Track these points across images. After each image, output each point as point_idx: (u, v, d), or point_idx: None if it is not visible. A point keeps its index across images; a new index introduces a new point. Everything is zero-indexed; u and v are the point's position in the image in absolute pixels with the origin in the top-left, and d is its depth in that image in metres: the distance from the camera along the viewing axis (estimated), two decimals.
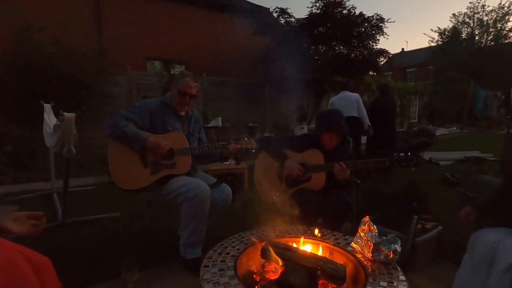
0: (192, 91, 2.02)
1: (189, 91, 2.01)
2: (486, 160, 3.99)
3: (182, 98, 2.02)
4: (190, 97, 2.03)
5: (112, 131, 1.85)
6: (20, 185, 4.22)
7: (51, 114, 3.30)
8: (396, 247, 1.23)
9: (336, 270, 1.13)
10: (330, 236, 1.51)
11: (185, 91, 2.00)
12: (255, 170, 2.21)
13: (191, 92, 2.02)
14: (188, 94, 2.01)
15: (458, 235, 2.28)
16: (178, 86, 2.01)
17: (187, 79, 2.01)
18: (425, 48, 19.88)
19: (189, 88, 2.01)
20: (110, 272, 1.89)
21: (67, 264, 1.98)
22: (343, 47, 8.79)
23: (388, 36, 8.97)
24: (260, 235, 1.50)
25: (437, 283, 1.88)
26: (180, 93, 2.01)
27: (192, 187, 1.87)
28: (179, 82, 2.02)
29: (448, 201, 3.14)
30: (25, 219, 1.07)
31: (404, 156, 1.85)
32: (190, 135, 2.13)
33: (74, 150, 2.33)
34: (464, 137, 10.64)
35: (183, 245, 1.96)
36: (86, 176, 4.75)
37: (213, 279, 1.13)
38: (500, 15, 16.49)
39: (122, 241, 2.40)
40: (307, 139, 2.20)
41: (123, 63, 6.74)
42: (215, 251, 1.35)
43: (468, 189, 2.50)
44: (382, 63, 9.88)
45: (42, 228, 1.10)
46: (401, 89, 12.60)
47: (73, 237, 2.49)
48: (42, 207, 3.24)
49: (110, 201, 3.43)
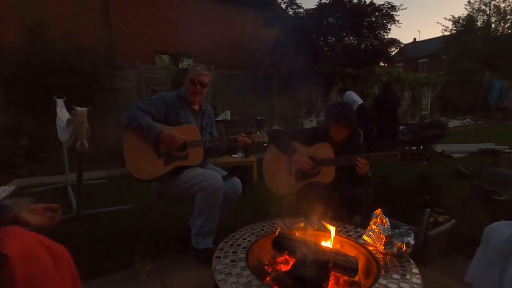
0: (203, 78, 2.04)
1: (199, 78, 2.02)
2: (501, 152, 3.87)
3: (193, 87, 2.03)
4: (201, 85, 2.04)
5: (128, 122, 1.88)
6: (36, 178, 4.34)
7: (63, 109, 3.36)
8: (409, 240, 1.21)
9: (348, 262, 1.13)
10: (341, 228, 1.50)
11: (196, 79, 2.02)
12: (264, 163, 2.21)
13: (202, 80, 2.03)
14: (199, 82, 2.03)
15: (471, 229, 2.24)
16: (189, 75, 2.04)
17: (197, 68, 2.04)
18: (438, 37, 19.28)
19: (200, 76, 2.02)
20: (123, 262, 1.94)
21: (82, 254, 2.03)
22: (353, 38, 8.61)
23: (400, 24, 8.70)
24: (271, 227, 1.50)
25: (449, 276, 1.86)
26: (191, 81, 2.03)
27: (207, 177, 1.90)
28: (191, 71, 2.05)
29: (461, 194, 3.08)
30: (42, 211, 1.11)
31: (417, 149, 1.81)
32: (202, 129, 2.15)
33: (87, 144, 2.37)
34: (478, 129, 10.36)
35: (195, 235, 1.99)
36: (98, 169, 4.85)
37: (225, 270, 1.15)
38: None
39: (134, 233, 2.46)
40: (316, 132, 2.17)
41: (131, 56, 6.77)
42: (226, 243, 1.36)
43: (483, 182, 2.44)
44: (393, 53, 9.64)
45: (57, 220, 1.13)
46: (412, 80, 12.29)
47: (87, 229, 2.56)
48: (57, 199, 3.33)
49: (122, 193, 3.50)
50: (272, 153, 2.16)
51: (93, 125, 5.89)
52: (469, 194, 2.65)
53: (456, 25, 16.88)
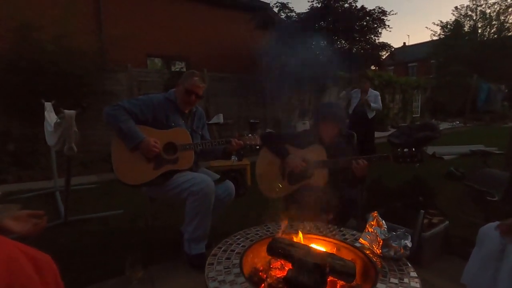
0: (199, 91, 2.02)
1: (196, 90, 2.00)
2: (491, 154, 3.94)
3: (188, 97, 2.01)
4: (196, 96, 2.02)
5: (110, 122, 1.86)
6: (23, 183, 4.22)
7: (51, 112, 3.27)
8: (406, 242, 1.20)
9: (345, 267, 1.11)
10: (337, 232, 1.48)
11: (192, 90, 1.99)
12: (257, 166, 2.18)
13: (198, 92, 2.01)
14: (194, 93, 2.00)
15: (465, 230, 2.25)
16: (185, 85, 2.00)
17: (195, 78, 2.00)
18: (427, 42, 19.65)
19: (197, 88, 2.00)
20: (114, 269, 1.88)
21: (71, 262, 1.97)
22: (345, 42, 8.71)
23: (390, 29, 8.84)
24: (266, 232, 1.47)
25: (444, 278, 1.86)
26: (187, 91, 1.99)
27: (197, 181, 1.86)
28: (187, 80, 2.00)
29: (453, 196, 3.11)
30: (26, 218, 1.05)
31: (409, 151, 1.81)
32: (193, 132, 2.11)
33: (75, 148, 2.31)
34: (468, 131, 10.55)
35: (188, 240, 1.94)
36: (88, 174, 4.74)
37: (219, 277, 1.11)
38: (503, 7, 16.20)
39: (125, 239, 2.39)
40: (308, 135, 2.16)
41: (123, 60, 6.69)
42: (219, 248, 1.32)
43: (475, 183, 2.46)
44: (384, 57, 9.78)
45: (42, 227, 1.08)
46: (403, 84, 12.49)
47: (76, 235, 2.48)
48: (45, 205, 3.22)
49: (112, 199, 3.41)
50: (265, 156, 2.14)
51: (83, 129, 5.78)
52: (462, 195, 2.67)
53: (444, 30, 17.25)
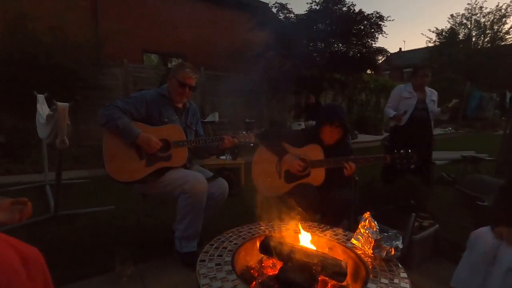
0: (192, 82, 1.99)
1: (188, 81, 1.97)
2: (482, 160, 4.01)
3: (181, 89, 1.98)
4: (189, 88, 1.99)
5: (106, 122, 1.81)
6: (13, 176, 4.14)
7: (44, 104, 3.22)
8: (397, 243, 1.21)
9: (336, 266, 1.11)
10: (330, 232, 1.48)
11: (185, 82, 1.96)
12: (253, 164, 2.17)
13: (191, 83, 1.99)
14: (188, 85, 1.98)
15: (454, 234, 2.28)
16: (177, 77, 1.97)
17: (187, 70, 1.97)
18: (422, 48, 19.90)
19: (189, 79, 1.97)
20: (103, 266, 1.85)
21: (59, 257, 1.94)
22: (342, 45, 8.74)
23: (386, 35, 8.88)
24: (258, 230, 1.47)
25: (433, 280, 1.88)
26: (179, 84, 1.96)
27: (190, 179, 1.84)
28: (179, 72, 1.97)
29: (444, 200, 3.15)
30: (9, 207, 1.03)
31: (405, 153, 1.85)
32: (187, 127, 2.09)
33: (68, 141, 2.27)
34: (459, 137, 10.71)
35: (179, 238, 1.93)
36: (81, 169, 4.68)
37: (210, 274, 1.10)
38: (497, 17, 16.52)
39: (115, 235, 2.36)
40: (306, 134, 2.16)
41: (119, 55, 6.62)
42: (211, 245, 1.31)
43: (465, 188, 2.50)
44: (380, 61, 9.86)
45: (28, 213, 1.06)
46: None
47: (65, 230, 2.44)
48: (35, 199, 3.16)
49: (104, 194, 3.37)
50: (262, 154, 2.13)
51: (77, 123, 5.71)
52: (452, 199, 2.71)
53: (440, 37, 17.52)
